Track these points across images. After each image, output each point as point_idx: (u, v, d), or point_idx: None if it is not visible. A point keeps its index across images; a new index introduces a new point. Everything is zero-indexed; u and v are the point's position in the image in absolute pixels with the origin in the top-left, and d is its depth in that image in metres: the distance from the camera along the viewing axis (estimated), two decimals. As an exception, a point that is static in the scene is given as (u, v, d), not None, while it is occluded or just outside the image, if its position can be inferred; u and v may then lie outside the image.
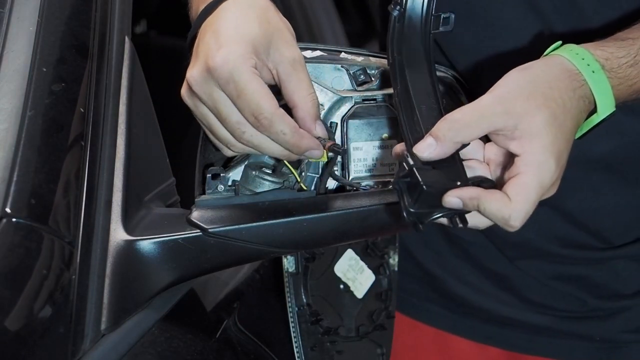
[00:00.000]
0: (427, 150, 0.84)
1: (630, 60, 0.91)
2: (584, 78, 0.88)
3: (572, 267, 1.22)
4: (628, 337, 1.23)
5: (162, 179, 0.96)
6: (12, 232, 0.75)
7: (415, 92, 0.92)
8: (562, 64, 0.89)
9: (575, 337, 1.24)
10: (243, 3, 0.90)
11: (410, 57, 0.94)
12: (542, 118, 0.84)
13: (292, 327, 1.11)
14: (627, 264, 1.21)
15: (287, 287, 1.11)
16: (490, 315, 1.27)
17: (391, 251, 1.21)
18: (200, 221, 0.87)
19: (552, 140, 0.84)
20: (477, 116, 0.84)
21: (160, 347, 0.90)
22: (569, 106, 0.86)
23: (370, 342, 1.19)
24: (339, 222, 0.90)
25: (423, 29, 0.96)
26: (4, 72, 0.86)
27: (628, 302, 1.22)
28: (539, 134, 0.84)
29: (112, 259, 0.85)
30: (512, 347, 1.27)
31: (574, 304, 1.23)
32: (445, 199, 0.81)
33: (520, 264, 1.23)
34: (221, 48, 0.86)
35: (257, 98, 0.85)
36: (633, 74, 0.91)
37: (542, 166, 0.83)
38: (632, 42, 0.93)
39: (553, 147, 0.84)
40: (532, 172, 0.83)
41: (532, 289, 1.24)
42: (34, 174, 0.79)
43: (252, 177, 0.92)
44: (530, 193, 0.82)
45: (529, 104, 0.84)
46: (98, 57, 0.93)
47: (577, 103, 0.87)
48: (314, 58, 0.98)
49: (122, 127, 0.91)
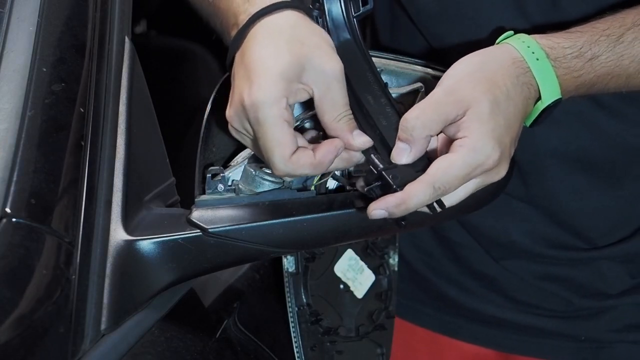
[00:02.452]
0: (404, 155, 0.87)
1: (575, 51, 0.94)
2: (527, 65, 0.91)
3: (558, 268, 1.23)
4: (613, 336, 1.24)
5: (162, 179, 0.96)
6: (12, 232, 0.75)
7: (358, 84, 0.92)
8: (509, 51, 0.91)
9: (562, 336, 1.25)
10: (272, 27, 0.87)
11: (344, 49, 0.94)
12: (487, 104, 0.86)
13: (292, 327, 1.11)
14: (611, 264, 1.22)
15: (287, 287, 1.11)
16: (479, 315, 1.28)
17: (391, 251, 1.21)
18: (200, 221, 0.87)
19: (494, 126, 0.86)
20: (435, 108, 0.86)
21: (160, 347, 0.90)
22: (512, 93, 0.89)
23: (370, 342, 1.19)
24: (339, 222, 0.90)
25: (346, 17, 0.97)
26: (4, 72, 0.86)
27: (613, 301, 1.23)
28: (482, 120, 0.86)
29: (112, 259, 0.85)
30: (501, 347, 1.28)
31: (560, 303, 1.24)
32: (371, 214, 0.84)
33: (506, 264, 1.24)
34: (252, 87, 0.84)
35: (272, 146, 0.85)
36: (578, 65, 0.94)
37: (476, 149, 0.85)
38: (580, 35, 0.95)
39: (494, 132, 0.86)
40: (462, 152, 0.85)
41: (518, 289, 1.25)
42: (34, 174, 0.79)
43: (252, 177, 0.92)
44: (452, 168, 0.84)
45: (475, 91, 0.87)
46: (98, 57, 0.93)
47: (520, 89, 0.90)
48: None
49: (122, 127, 0.91)
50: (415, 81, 1.03)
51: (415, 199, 0.84)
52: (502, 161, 0.88)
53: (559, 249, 1.21)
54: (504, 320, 1.27)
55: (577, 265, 1.22)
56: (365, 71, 0.95)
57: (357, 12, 0.97)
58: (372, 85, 0.94)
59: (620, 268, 1.22)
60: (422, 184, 0.84)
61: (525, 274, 1.24)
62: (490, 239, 1.23)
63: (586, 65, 0.94)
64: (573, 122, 1.12)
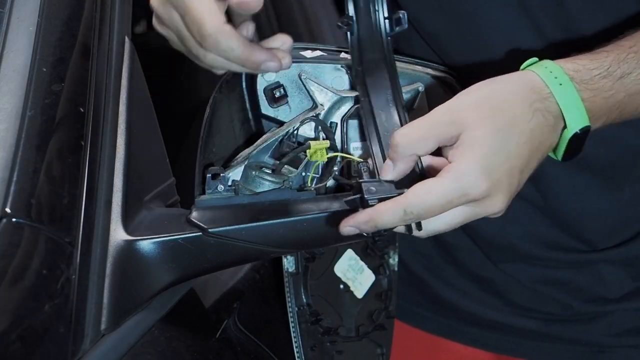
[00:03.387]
0: (389, 172, 0.85)
1: (603, 71, 0.90)
2: (549, 91, 0.87)
3: (557, 271, 1.22)
4: (613, 341, 1.23)
5: (162, 179, 0.96)
6: (12, 232, 0.75)
7: (375, 101, 0.93)
8: (529, 78, 0.88)
9: (561, 340, 1.25)
10: None
11: (371, 66, 0.95)
12: (483, 130, 0.83)
13: (292, 327, 1.11)
14: (611, 268, 1.21)
15: (287, 287, 1.11)
16: (478, 319, 1.28)
17: (391, 251, 1.21)
18: (200, 221, 0.87)
19: (486, 153, 0.82)
20: (427, 127, 0.84)
21: (160, 347, 0.90)
22: (520, 119, 0.84)
23: (370, 342, 1.19)
24: (339, 222, 0.90)
25: (380, 35, 0.97)
26: (4, 72, 0.86)
27: (613, 306, 1.22)
28: (473, 145, 0.82)
29: (112, 259, 0.85)
30: (500, 350, 1.28)
31: (559, 307, 1.23)
32: (342, 231, 0.83)
33: (505, 268, 1.23)
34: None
35: (199, 15, 0.85)
36: (607, 85, 0.89)
37: (458, 177, 0.82)
38: (606, 55, 0.91)
39: (484, 160, 0.82)
40: (444, 178, 0.82)
41: (517, 292, 1.25)
42: (34, 174, 0.79)
43: (252, 177, 0.92)
44: (429, 194, 0.81)
45: (475, 114, 0.83)
46: (98, 57, 0.93)
47: (531, 116, 0.85)
48: (314, 58, 0.98)
49: (122, 127, 0.91)
50: (415, 81, 1.03)
51: (385, 218, 0.82)
52: (496, 193, 0.83)
53: (559, 251, 1.21)
54: (502, 324, 1.26)
55: (576, 268, 1.22)
56: (388, 88, 0.95)
57: (392, 31, 0.96)
58: (389, 104, 0.94)
59: (621, 271, 1.21)
60: (393, 205, 0.82)
61: (524, 278, 1.23)
62: (489, 242, 1.23)
63: (616, 84, 0.90)
64: None
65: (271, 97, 1.00)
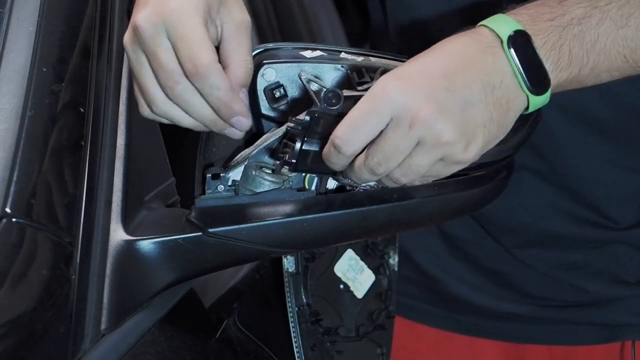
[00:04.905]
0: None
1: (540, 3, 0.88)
2: (481, 24, 0.86)
3: (572, 254, 1.20)
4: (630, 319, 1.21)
5: (162, 179, 0.96)
6: (12, 232, 0.75)
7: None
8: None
9: (578, 323, 1.23)
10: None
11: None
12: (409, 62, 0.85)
13: (292, 327, 1.11)
14: (629, 249, 1.19)
15: (287, 287, 1.11)
16: (492, 312, 1.27)
17: (391, 251, 1.21)
18: (200, 221, 0.87)
19: (408, 70, 0.83)
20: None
21: (160, 347, 0.90)
22: (439, 46, 0.85)
23: (370, 342, 1.19)
24: (339, 222, 0.90)
25: None
26: (4, 72, 0.86)
27: (631, 290, 1.20)
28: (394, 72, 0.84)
29: (112, 259, 0.85)
30: (518, 339, 1.27)
31: (575, 293, 1.22)
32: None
33: (517, 254, 1.22)
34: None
35: (198, 45, 0.83)
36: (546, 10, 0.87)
37: (373, 92, 0.82)
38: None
39: (403, 71, 0.83)
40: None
41: (531, 282, 1.23)
42: (34, 174, 0.79)
43: (252, 177, 0.92)
44: (347, 118, 0.82)
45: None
46: (98, 57, 0.93)
47: (453, 41, 0.85)
48: (314, 58, 0.98)
49: (122, 127, 0.91)
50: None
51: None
52: (441, 117, 0.81)
53: (572, 225, 1.18)
54: (518, 315, 1.25)
55: (592, 250, 1.19)
56: None
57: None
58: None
59: (637, 254, 1.20)
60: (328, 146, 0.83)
61: (538, 264, 1.21)
62: (499, 226, 1.21)
63: (556, 8, 0.86)
64: None
65: (271, 97, 0.99)
